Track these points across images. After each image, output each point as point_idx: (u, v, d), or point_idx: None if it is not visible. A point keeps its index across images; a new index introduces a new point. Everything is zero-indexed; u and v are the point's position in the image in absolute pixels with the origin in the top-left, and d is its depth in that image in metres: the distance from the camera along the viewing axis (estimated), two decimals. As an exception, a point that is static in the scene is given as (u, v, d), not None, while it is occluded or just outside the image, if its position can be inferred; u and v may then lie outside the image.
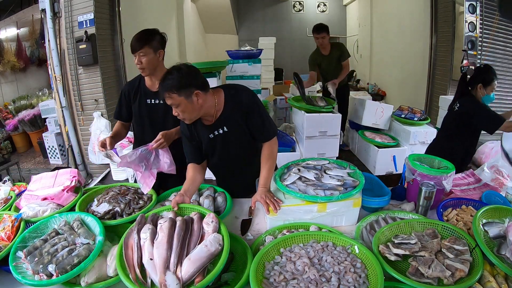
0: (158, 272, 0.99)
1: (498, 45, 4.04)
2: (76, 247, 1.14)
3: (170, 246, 1.06)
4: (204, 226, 1.16)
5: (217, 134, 1.49)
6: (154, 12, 5.37)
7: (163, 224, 1.14)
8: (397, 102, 4.84)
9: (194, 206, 1.32)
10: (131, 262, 1.04)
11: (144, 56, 1.62)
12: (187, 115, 1.37)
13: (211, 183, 1.74)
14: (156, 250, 1.04)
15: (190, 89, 1.31)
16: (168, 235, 1.09)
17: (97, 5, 3.32)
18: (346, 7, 8.29)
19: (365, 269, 1.02)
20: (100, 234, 1.19)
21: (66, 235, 1.19)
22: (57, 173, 1.66)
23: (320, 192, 1.32)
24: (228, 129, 1.48)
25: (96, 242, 1.16)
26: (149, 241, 1.09)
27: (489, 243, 1.11)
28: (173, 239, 1.08)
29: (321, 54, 3.68)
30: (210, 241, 1.07)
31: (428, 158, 1.61)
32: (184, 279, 0.97)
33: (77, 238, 1.18)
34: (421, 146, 3.27)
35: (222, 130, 1.48)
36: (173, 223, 1.15)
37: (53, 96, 3.68)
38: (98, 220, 1.27)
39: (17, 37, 5.05)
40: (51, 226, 1.28)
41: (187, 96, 1.31)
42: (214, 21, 7.90)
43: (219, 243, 1.07)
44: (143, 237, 1.11)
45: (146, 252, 1.05)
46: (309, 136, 3.15)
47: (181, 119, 1.40)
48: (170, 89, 1.30)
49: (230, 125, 1.48)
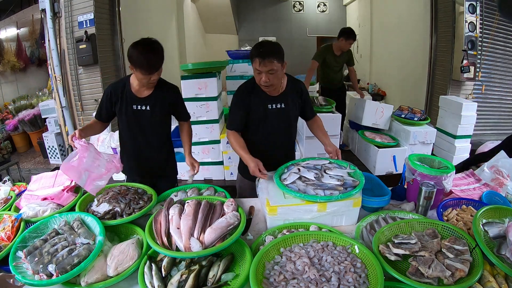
0: (183, 238, 1.15)
1: (498, 45, 4.04)
2: (76, 247, 1.14)
3: (195, 218, 1.24)
4: (225, 208, 1.33)
5: (275, 107, 1.70)
6: (154, 12, 5.36)
7: (190, 203, 1.32)
8: (397, 102, 4.85)
9: (218, 198, 1.46)
10: (159, 232, 1.20)
11: (157, 73, 1.62)
12: (277, 82, 1.60)
13: (211, 183, 1.75)
14: (183, 221, 1.22)
15: (283, 60, 1.57)
16: (194, 210, 1.28)
17: (97, 5, 3.32)
18: (346, 7, 8.29)
19: (365, 269, 1.02)
20: (100, 234, 1.19)
21: (66, 235, 1.20)
22: (57, 173, 1.66)
23: (320, 192, 1.32)
24: (285, 106, 1.71)
25: (96, 242, 1.16)
26: (177, 215, 1.26)
27: (489, 243, 1.11)
28: (198, 214, 1.26)
29: (333, 52, 3.72)
30: (229, 215, 1.25)
31: (428, 158, 1.61)
32: (206, 243, 1.12)
33: (77, 238, 1.18)
34: (421, 146, 3.27)
35: (280, 105, 1.70)
36: (199, 203, 1.34)
37: (53, 96, 3.68)
38: (98, 220, 1.27)
39: (17, 37, 5.05)
40: (51, 226, 1.28)
41: (282, 65, 1.56)
42: (214, 21, 7.90)
43: (237, 218, 1.24)
44: (172, 212, 1.28)
45: (174, 223, 1.22)
46: (309, 136, 3.14)
47: (268, 85, 1.58)
48: (274, 55, 1.51)
49: (288, 103, 1.71)
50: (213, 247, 1.11)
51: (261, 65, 1.52)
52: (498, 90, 4.21)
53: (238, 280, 1.04)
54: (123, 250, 1.15)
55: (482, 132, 4.16)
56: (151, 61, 1.56)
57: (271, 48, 1.53)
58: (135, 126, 1.78)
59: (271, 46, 1.55)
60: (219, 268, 1.08)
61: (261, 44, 1.56)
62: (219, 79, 3.10)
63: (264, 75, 1.53)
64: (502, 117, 4.33)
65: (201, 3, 7.44)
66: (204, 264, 1.10)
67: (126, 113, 1.75)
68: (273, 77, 1.55)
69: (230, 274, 1.08)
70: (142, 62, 1.54)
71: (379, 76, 6.64)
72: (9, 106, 4.75)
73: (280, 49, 1.56)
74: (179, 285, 1.03)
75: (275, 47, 1.55)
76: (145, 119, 1.76)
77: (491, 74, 4.09)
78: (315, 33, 8.49)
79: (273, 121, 1.72)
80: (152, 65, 1.56)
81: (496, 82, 4.15)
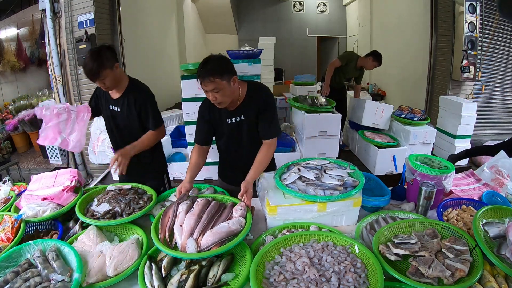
0: (183, 237, 1.17)
1: (498, 45, 4.04)
2: (50, 284, 1.01)
3: (199, 219, 1.24)
4: (233, 212, 1.30)
5: (234, 121, 1.62)
6: (154, 12, 5.36)
7: (200, 201, 1.33)
8: (397, 102, 4.85)
9: (231, 198, 1.44)
10: (164, 226, 1.23)
11: (105, 79, 1.63)
12: (225, 99, 1.49)
13: (211, 183, 1.75)
14: (187, 220, 1.23)
15: (230, 74, 1.46)
16: (201, 210, 1.28)
17: (97, 5, 3.32)
18: (346, 7, 8.30)
19: (365, 269, 1.02)
20: (78, 270, 1.05)
21: (40, 269, 1.06)
22: (57, 173, 1.66)
23: (320, 191, 1.32)
24: (245, 118, 1.61)
25: (73, 280, 1.01)
26: (184, 212, 1.27)
27: (489, 243, 1.10)
28: (203, 214, 1.27)
29: (356, 63, 3.88)
30: (233, 221, 1.22)
31: (428, 158, 1.61)
32: (201, 246, 1.13)
33: (51, 273, 1.04)
34: (421, 146, 3.26)
35: (240, 117, 1.61)
36: (208, 202, 1.34)
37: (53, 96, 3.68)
38: (75, 251, 1.13)
39: (17, 37, 5.05)
40: (25, 255, 1.14)
41: (228, 81, 1.44)
42: (214, 21, 7.91)
43: (241, 225, 1.21)
44: (180, 208, 1.30)
45: (179, 220, 1.24)
46: (309, 136, 3.14)
47: (216, 103, 1.50)
48: (214, 74, 1.40)
49: (247, 115, 1.61)
50: (207, 251, 1.10)
51: (203, 85, 1.44)
52: (498, 90, 4.21)
53: (238, 280, 1.04)
54: (123, 250, 1.15)
55: (482, 132, 4.16)
56: (91, 70, 1.59)
57: (212, 66, 1.42)
58: (114, 126, 1.85)
59: (212, 63, 1.43)
60: (219, 268, 1.08)
61: (202, 63, 1.45)
62: (219, 79, 3.10)
63: (210, 93, 1.46)
64: (502, 117, 4.33)
65: (201, 3, 7.44)
66: (204, 264, 1.10)
67: (105, 112, 1.83)
68: (220, 95, 1.45)
69: (230, 274, 1.08)
70: (85, 70, 1.62)
71: (379, 76, 6.63)
72: (9, 106, 4.75)
73: (222, 66, 1.44)
74: (179, 285, 1.03)
75: (216, 64, 1.43)
76: (120, 120, 1.81)
77: (491, 74, 4.09)
78: (315, 33, 8.50)
79: (236, 135, 1.65)
80: (92, 73, 1.60)
81: (496, 82, 4.15)
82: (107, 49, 1.65)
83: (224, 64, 1.45)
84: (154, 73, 5.16)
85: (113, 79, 1.66)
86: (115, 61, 1.67)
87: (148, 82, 1.88)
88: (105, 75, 1.62)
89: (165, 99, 5.40)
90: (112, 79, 1.66)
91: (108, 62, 1.62)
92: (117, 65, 1.67)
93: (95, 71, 1.59)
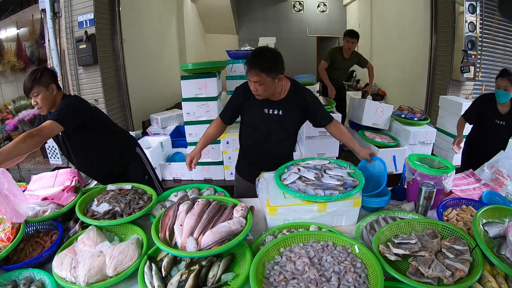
0: (183, 236, 1.17)
1: (498, 45, 4.04)
2: None
3: (199, 218, 1.24)
4: (234, 212, 1.30)
5: (271, 113, 1.64)
6: (154, 12, 5.36)
7: (200, 201, 1.33)
8: (397, 102, 4.84)
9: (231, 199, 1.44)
10: (164, 226, 1.24)
11: (37, 96, 1.65)
12: (265, 93, 1.52)
13: (211, 183, 1.75)
14: (187, 219, 1.23)
15: (277, 72, 1.48)
16: (201, 210, 1.28)
17: (97, 5, 3.32)
18: (346, 7, 8.29)
19: (365, 269, 1.02)
20: None
21: None
22: (57, 173, 1.66)
23: (320, 191, 1.32)
24: (282, 114, 1.64)
25: None
26: (184, 212, 1.28)
27: (489, 243, 1.10)
28: (204, 214, 1.27)
29: (342, 54, 3.83)
30: (234, 221, 1.22)
31: (428, 158, 1.61)
32: (201, 245, 1.13)
33: None
34: (421, 146, 3.26)
35: (278, 111, 1.63)
36: (209, 203, 1.34)
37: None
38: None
39: (17, 37, 5.04)
40: None
41: (273, 78, 1.46)
42: (214, 21, 7.90)
43: (241, 225, 1.21)
44: (181, 208, 1.30)
45: (179, 220, 1.24)
46: (309, 136, 3.14)
47: (256, 94, 1.53)
48: (262, 69, 1.42)
49: (286, 111, 1.64)
50: (208, 250, 1.10)
51: (248, 74, 1.48)
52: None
53: (238, 280, 1.04)
54: (123, 250, 1.15)
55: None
56: (25, 83, 1.64)
57: (262, 61, 1.45)
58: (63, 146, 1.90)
59: (263, 58, 1.46)
60: (219, 268, 1.08)
61: (255, 53, 1.49)
62: (219, 79, 3.10)
63: (252, 84, 1.49)
64: (502, 117, 4.33)
65: (201, 3, 7.44)
66: (204, 264, 1.10)
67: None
68: (261, 89, 1.49)
69: (230, 274, 1.08)
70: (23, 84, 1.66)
71: (379, 76, 6.61)
72: (9, 106, 4.74)
73: (272, 63, 1.46)
74: (179, 285, 1.03)
75: (267, 60, 1.46)
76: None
77: (491, 74, 4.08)
78: (315, 33, 8.49)
79: (269, 126, 1.67)
80: (25, 86, 1.64)
81: (496, 82, 4.15)
82: (47, 70, 1.71)
83: (274, 62, 1.47)
84: (154, 73, 5.16)
85: (45, 98, 1.67)
86: (52, 82, 1.69)
87: (148, 82, 1.90)
88: (37, 91, 1.64)
89: (165, 99, 5.40)
90: (45, 98, 1.67)
91: (43, 80, 1.65)
92: (53, 87, 1.69)
93: (29, 85, 1.63)
